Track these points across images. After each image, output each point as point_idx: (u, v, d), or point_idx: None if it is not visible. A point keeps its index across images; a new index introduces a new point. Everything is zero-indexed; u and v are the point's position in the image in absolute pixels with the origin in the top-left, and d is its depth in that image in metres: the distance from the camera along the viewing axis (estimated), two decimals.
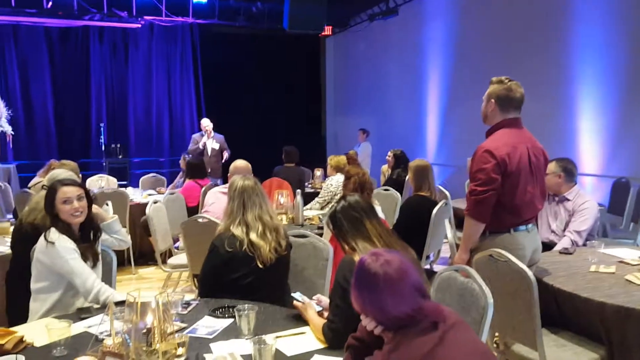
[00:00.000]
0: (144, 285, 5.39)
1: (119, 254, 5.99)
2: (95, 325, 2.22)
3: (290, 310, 2.39)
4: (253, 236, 2.63)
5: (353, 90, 12.41)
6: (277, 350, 1.98)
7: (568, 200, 3.91)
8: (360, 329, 1.59)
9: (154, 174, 7.66)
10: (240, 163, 4.26)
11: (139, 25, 10.86)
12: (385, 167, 7.83)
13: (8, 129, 8.73)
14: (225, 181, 8.00)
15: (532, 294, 2.42)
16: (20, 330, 2.14)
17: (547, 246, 3.80)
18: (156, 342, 1.85)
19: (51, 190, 2.64)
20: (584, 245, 3.65)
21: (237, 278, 2.62)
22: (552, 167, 4.01)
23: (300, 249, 3.06)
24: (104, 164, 9.53)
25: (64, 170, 3.11)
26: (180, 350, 1.95)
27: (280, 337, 2.12)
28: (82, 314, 2.41)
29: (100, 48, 10.91)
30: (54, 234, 2.58)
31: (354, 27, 11.59)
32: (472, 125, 7.86)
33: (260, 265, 2.62)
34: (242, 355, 1.93)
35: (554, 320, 2.78)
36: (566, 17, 6.76)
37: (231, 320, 2.29)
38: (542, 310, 2.80)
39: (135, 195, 6.46)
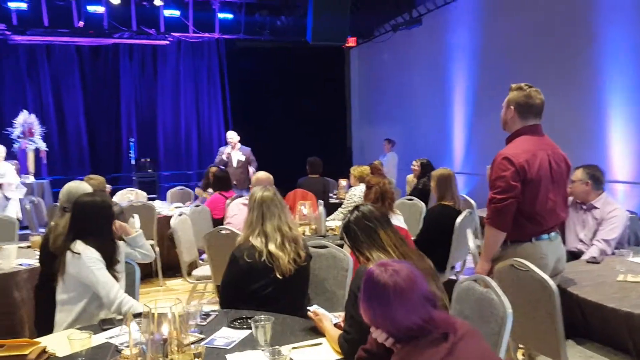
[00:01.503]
0: (171, 297, 5.45)
1: (147, 266, 6.13)
2: (117, 336, 2.27)
3: (308, 322, 2.39)
4: (272, 247, 2.64)
5: (378, 101, 12.41)
6: None
7: (596, 208, 3.82)
8: (370, 341, 1.58)
9: (182, 187, 7.77)
10: (261, 175, 4.30)
11: (167, 42, 11.12)
12: (410, 177, 7.78)
13: (42, 145, 8.99)
14: None
15: (554, 304, 2.37)
16: (44, 341, 2.20)
17: (575, 256, 3.72)
18: (172, 352, 1.88)
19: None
20: (613, 254, 3.56)
21: (256, 289, 2.64)
22: (579, 174, 3.94)
23: (320, 260, 3.06)
24: (134, 178, 9.72)
25: (77, 183, 3.17)
26: None
27: (297, 348, 2.13)
28: (104, 324, 2.45)
29: (130, 65, 11.18)
30: (79, 245, 2.64)
31: (378, 37, 11.60)
32: (499, 133, 7.68)
33: (279, 276, 2.63)
34: None
35: (580, 332, 2.71)
36: (595, 20, 6.63)
37: (249, 331, 2.29)
38: (567, 321, 2.74)
39: (162, 208, 6.56)
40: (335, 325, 2.20)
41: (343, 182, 7.44)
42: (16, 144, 8.74)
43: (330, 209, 5.82)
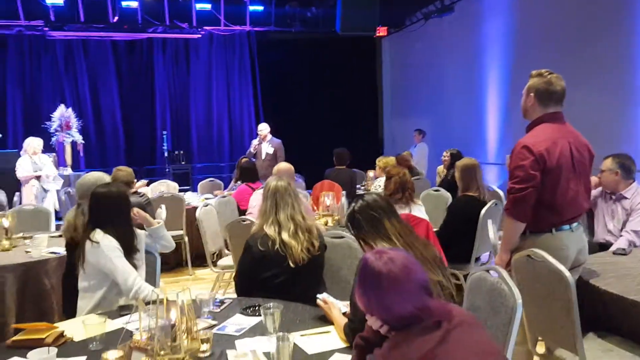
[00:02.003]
0: (199, 286, 5.56)
1: (177, 255, 6.28)
2: (133, 321, 2.32)
3: (319, 310, 2.40)
4: (285, 236, 2.66)
5: (410, 91, 12.27)
6: (299, 347, 2.01)
7: (626, 198, 3.71)
8: (367, 328, 1.58)
9: (212, 179, 7.88)
10: (283, 166, 4.32)
11: (199, 36, 11.25)
12: (441, 168, 7.68)
13: (79, 138, 9.24)
14: None
15: (570, 296, 2.31)
16: (61, 325, 2.27)
17: (604, 247, 3.62)
18: (180, 337, 1.91)
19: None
20: None
21: (269, 277, 2.67)
22: (608, 163, 3.82)
23: (336, 249, 3.06)
24: (167, 170, 9.91)
25: (94, 176, 3.24)
26: (205, 347, 2.00)
27: (305, 335, 2.14)
28: (122, 311, 2.52)
29: (163, 58, 11.36)
30: (98, 234, 2.72)
31: (409, 26, 11.46)
32: None
33: (292, 265, 2.65)
34: (264, 353, 1.96)
35: (601, 325, 2.63)
36: (637, 7, 6.38)
37: (260, 318, 2.32)
38: (588, 313, 2.68)
39: (192, 199, 6.67)
40: (344, 314, 2.20)
41: (371, 174, 7.41)
42: (54, 137, 9.01)
43: None
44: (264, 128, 8.23)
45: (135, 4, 10.01)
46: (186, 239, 5.94)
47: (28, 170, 7.07)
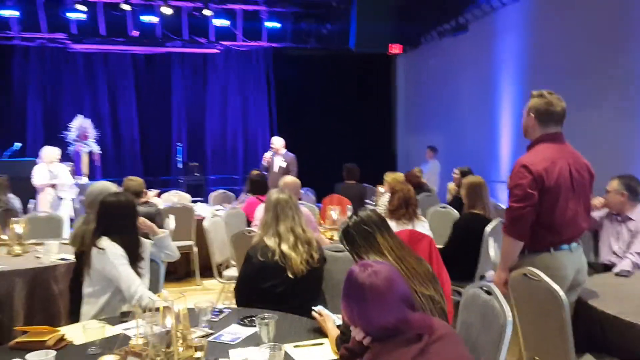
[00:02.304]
0: (206, 297, 5.60)
1: (186, 265, 6.36)
2: (132, 327, 2.38)
3: (314, 322, 2.43)
4: (284, 247, 2.71)
5: (424, 108, 12.30)
6: (291, 358, 2.05)
7: (631, 220, 3.70)
8: (352, 340, 1.62)
9: (224, 191, 7.97)
10: (289, 179, 4.38)
11: (217, 51, 11.44)
12: (451, 185, 7.68)
13: (96, 149, 9.42)
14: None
15: (564, 315, 2.32)
16: (63, 329, 2.34)
17: (608, 269, 3.60)
18: (175, 344, 1.97)
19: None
20: None
21: (269, 287, 2.71)
22: (614, 184, 3.83)
23: (337, 263, 3.10)
24: (181, 181, 10.04)
25: (101, 185, 3.32)
26: (199, 354, 2.05)
27: (299, 346, 2.18)
28: (124, 317, 2.58)
29: (181, 72, 11.57)
30: (105, 241, 2.79)
31: (424, 44, 11.53)
32: None
33: (291, 276, 2.69)
34: None
35: (598, 346, 2.63)
36: None
37: (256, 328, 2.36)
38: (585, 334, 2.68)
39: (203, 210, 6.75)
40: (338, 326, 2.23)
41: (381, 189, 7.42)
42: (71, 146, 9.19)
43: None
44: (276, 141, 8.33)
45: (155, 19, 10.23)
46: (195, 249, 6.00)
47: (44, 179, 7.22)
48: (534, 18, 8.59)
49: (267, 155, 8.29)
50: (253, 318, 2.47)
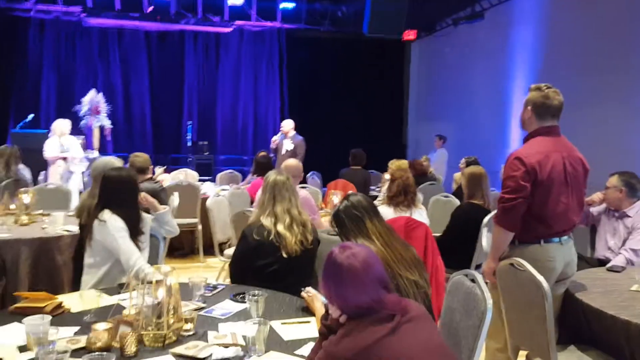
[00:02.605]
0: (209, 274, 5.70)
1: (191, 243, 6.46)
2: (127, 298, 2.47)
3: (304, 302, 2.50)
4: (280, 227, 2.78)
5: (437, 96, 12.26)
6: (277, 334, 2.12)
7: (629, 216, 3.72)
8: (330, 317, 1.68)
9: (231, 171, 8.06)
10: (290, 162, 4.44)
11: (230, 30, 11.44)
12: (458, 175, 7.69)
13: (107, 123, 9.54)
14: (302, 181, 8.28)
15: (546, 306, 2.37)
16: (61, 297, 2.43)
17: (604, 264, 3.63)
18: (165, 315, 2.05)
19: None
20: None
21: (263, 265, 2.79)
22: (613, 180, 3.85)
23: (330, 246, 3.08)
24: (190, 159, 10.14)
25: (106, 159, 3.40)
26: (189, 326, 2.13)
27: (286, 323, 2.25)
28: (121, 288, 2.67)
29: (194, 50, 11.60)
30: (106, 214, 2.88)
31: (439, 31, 11.45)
32: (565, 132, 7.49)
33: (285, 255, 2.77)
34: (242, 336, 2.08)
35: (584, 338, 2.68)
36: None
37: (246, 304, 2.44)
38: (572, 326, 2.73)
39: (209, 189, 6.84)
40: (326, 306, 2.30)
41: (386, 176, 7.45)
42: (83, 120, 9.31)
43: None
44: (286, 124, 8.37)
45: None
46: (200, 227, 6.10)
47: (55, 151, 7.35)
48: (550, 9, 8.51)
49: (276, 137, 8.34)
50: (245, 295, 2.56)
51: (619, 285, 2.90)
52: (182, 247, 6.35)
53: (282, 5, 10.98)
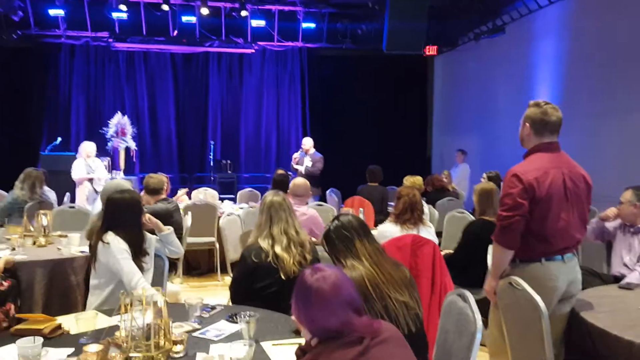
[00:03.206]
0: (226, 292, 5.76)
1: (210, 262, 6.53)
2: (125, 319, 2.51)
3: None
4: (278, 249, 2.80)
5: (460, 110, 12.16)
6: (266, 355, 2.13)
7: None
8: (305, 340, 1.68)
9: (250, 189, 8.14)
10: (298, 181, 4.47)
11: (253, 51, 11.63)
12: None
13: (132, 145, 9.78)
14: (321, 198, 8.32)
15: (543, 326, 2.31)
16: (61, 319, 2.49)
17: (619, 281, 3.53)
18: (156, 337, 2.08)
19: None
20: None
21: (261, 287, 2.81)
22: (628, 195, 3.76)
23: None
24: (213, 178, 10.29)
25: (115, 182, 3.49)
26: (179, 348, 2.16)
27: (276, 345, 2.25)
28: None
29: (218, 71, 11.82)
30: (110, 235, 2.95)
31: (461, 46, 11.40)
32: (590, 145, 7.39)
33: (283, 277, 2.78)
34: (231, 358, 2.09)
35: (589, 358, 2.60)
36: None
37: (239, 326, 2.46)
38: (577, 346, 2.66)
39: (228, 208, 6.92)
40: None
41: None
42: (110, 142, 9.57)
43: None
44: (306, 142, 8.44)
45: (194, 19, 10.49)
46: (217, 245, 6.17)
47: (82, 173, 7.58)
48: (571, 22, 8.40)
49: (297, 154, 8.41)
50: (239, 316, 2.57)
51: (627, 304, 2.81)
52: (199, 267, 6.42)
53: (304, 25, 11.10)
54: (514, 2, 9.12)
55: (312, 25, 11.11)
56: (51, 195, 6.19)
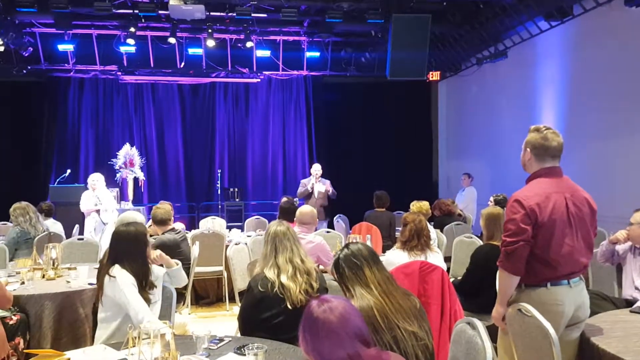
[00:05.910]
0: (234, 322, 5.74)
1: (218, 291, 6.52)
2: (134, 353, 2.51)
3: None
4: (283, 278, 2.80)
5: (465, 134, 12.21)
6: None
7: None
8: None
9: (257, 217, 8.15)
10: (305, 209, 4.48)
11: (259, 80, 11.80)
12: None
13: (140, 175, 9.88)
14: (329, 225, 8.32)
15: (554, 352, 2.29)
16: (70, 354, 2.49)
17: (631, 304, 3.49)
18: None
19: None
20: None
21: (269, 317, 2.80)
22: (637, 217, 3.77)
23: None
24: (221, 206, 10.33)
25: (127, 214, 3.53)
26: None
27: None
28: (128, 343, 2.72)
29: (224, 101, 11.99)
30: (116, 269, 2.97)
31: (464, 70, 11.51)
32: (598, 167, 7.39)
33: (290, 306, 2.77)
34: None
35: None
36: None
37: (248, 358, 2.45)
38: None
39: (236, 236, 6.93)
40: None
41: None
42: (118, 173, 9.67)
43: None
44: (318, 168, 8.48)
45: (200, 51, 10.68)
46: (225, 274, 6.17)
47: (89, 204, 7.65)
48: (573, 45, 8.47)
49: (305, 181, 8.43)
50: (248, 347, 2.56)
51: (638, 329, 2.78)
52: (207, 296, 6.41)
53: (308, 54, 11.26)
54: (515, 27, 9.22)
55: (317, 54, 11.26)
56: (57, 227, 6.23)
